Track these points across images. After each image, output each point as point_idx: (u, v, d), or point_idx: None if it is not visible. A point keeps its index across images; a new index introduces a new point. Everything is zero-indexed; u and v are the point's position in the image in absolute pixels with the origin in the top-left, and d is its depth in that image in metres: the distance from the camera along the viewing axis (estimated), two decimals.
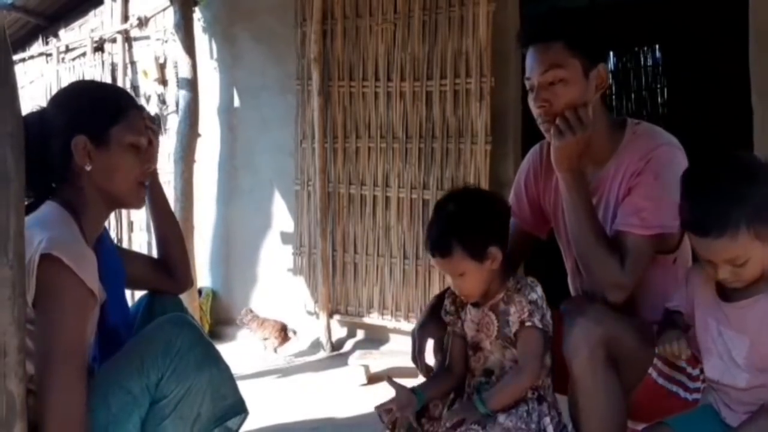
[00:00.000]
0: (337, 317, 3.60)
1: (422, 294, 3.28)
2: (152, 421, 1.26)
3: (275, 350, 3.46)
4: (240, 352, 3.65)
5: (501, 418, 1.36)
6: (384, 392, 1.65)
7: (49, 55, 5.18)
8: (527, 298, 1.41)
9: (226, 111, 4.15)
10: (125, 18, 4.55)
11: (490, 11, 3.11)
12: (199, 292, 4.05)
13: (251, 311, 3.60)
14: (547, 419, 1.38)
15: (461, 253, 1.39)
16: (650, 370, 1.39)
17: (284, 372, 3.26)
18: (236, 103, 4.12)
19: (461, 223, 1.41)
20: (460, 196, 1.49)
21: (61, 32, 5.30)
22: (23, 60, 5.19)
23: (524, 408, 1.38)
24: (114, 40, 4.64)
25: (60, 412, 1.19)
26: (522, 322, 1.39)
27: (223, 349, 3.74)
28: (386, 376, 1.59)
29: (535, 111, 1.46)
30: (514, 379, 1.40)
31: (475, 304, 1.47)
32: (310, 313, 3.68)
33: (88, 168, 1.29)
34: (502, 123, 3.23)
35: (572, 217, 1.45)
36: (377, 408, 1.47)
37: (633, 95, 6.19)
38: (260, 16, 3.92)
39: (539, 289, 1.43)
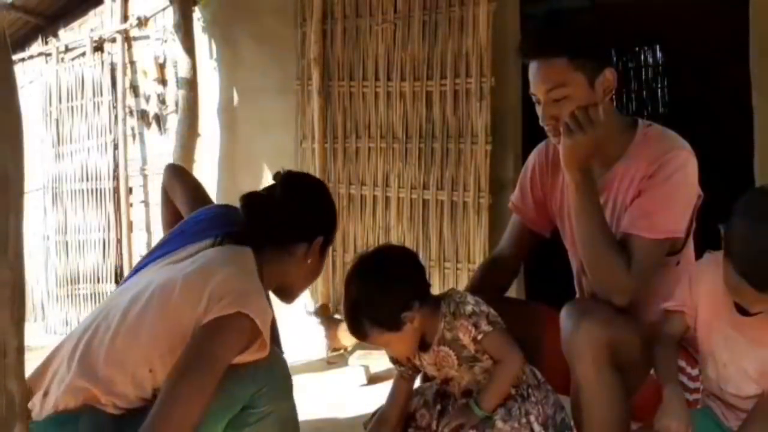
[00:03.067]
0: (337, 317, 3.60)
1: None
2: (235, 423, 1.32)
3: None
4: None
5: (499, 423, 1.37)
6: (384, 393, 1.65)
7: (49, 55, 5.17)
8: (465, 315, 1.40)
9: (225, 111, 4.14)
10: (125, 18, 4.55)
11: (490, 11, 3.10)
12: None
13: None
14: (532, 417, 1.39)
15: (378, 330, 1.39)
16: (651, 371, 1.39)
17: None
18: (236, 103, 4.11)
19: (367, 304, 1.39)
20: (360, 270, 1.45)
21: (61, 32, 5.29)
22: (23, 60, 5.18)
23: (516, 406, 1.39)
24: (114, 40, 4.64)
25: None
26: (475, 339, 1.39)
27: None
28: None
29: (542, 123, 1.45)
30: (500, 374, 1.40)
31: (422, 348, 1.45)
32: (309, 313, 3.67)
33: (308, 261, 1.44)
34: (503, 123, 3.22)
35: (579, 218, 1.43)
36: None
37: (634, 95, 6.18)
38: (260, 17, 3.91)
39: (467, 296, 1.43)
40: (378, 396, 1.65)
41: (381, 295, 1.38)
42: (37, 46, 5.38)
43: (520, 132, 3.25)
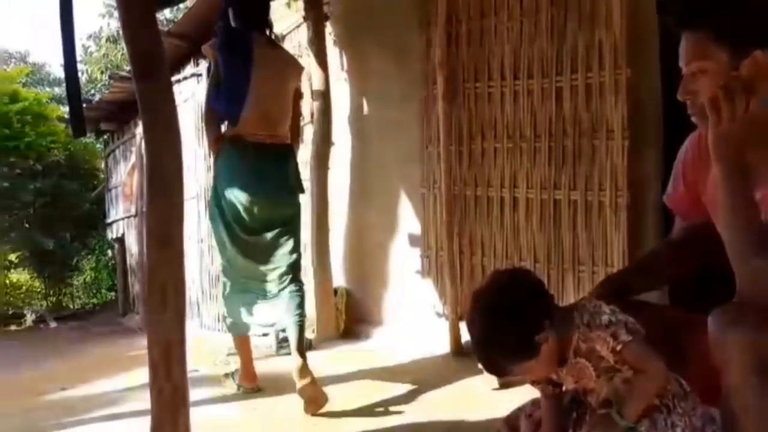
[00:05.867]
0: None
1: (554, 298, 3.16)
2: None
3: None
4: (373, 351, 3.77)
5: None
6: (516, 398, 1.63)
7: (200, 75, 5.70)
8: (601, 325, 1.32)
9: (355, 119, 4.30)
10: None
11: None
12: (335, 291, 4.24)
13: None
14: (679, 429, 1.30)
15: (515, 362, 1.34)
16: None
17: (414, 372, 3.30)
18: (365, 111, 4.26)
19: (496, 340, 1.33)
20: (479, 308, 1.37)
21: None
22: (177, 81, 5.75)
23: (661, 418, 1.30)
24: None
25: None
26: (614, 350, 1.32)
27: (358, 347, 3.91)
28: None
29: (679, 96, 1.37)
30: (643, 384, 1.32)
31: (559, 363, 1.39)
32: (438, 314, 3.70)
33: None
34: (641, 116, 3.03)
35: (722, 213, 1.33)
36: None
37: None
38: (386, 26, 4.02)
39: (602, 305, 1.35)
40: (510, 402, 1.63)
41: (509, 326, 1.33)
42: (189, 68, 5.96)
43: (662, 126, 3.03)
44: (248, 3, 2.81)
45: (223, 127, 2.85)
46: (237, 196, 2.68)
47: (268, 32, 2.90)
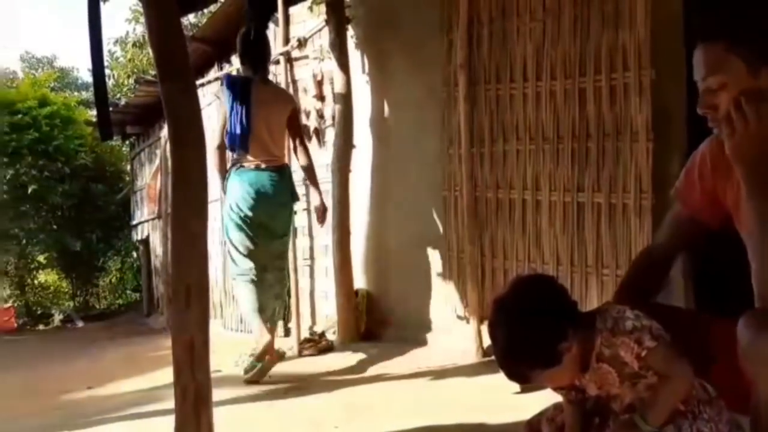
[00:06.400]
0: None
1: (578, 302, 3.11)
2: None
3: None
4: (394, 353, 3.76)
5: None
6: (538, 401, 1.61)
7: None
8: (625, 331, 1.30)
9: (377, 122, 4.31)
10: (286, 40, 4.91)
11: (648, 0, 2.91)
12: (356, 293, 4.25)
13: None
14: None
15: (538, 371, 1.32)
16: None
17: (436, 374, 3.29)
18: (386, 113, 4.26)
19: (520, 350, 1.31)
20: (501, 316, 1.36)
21: (233, 58, 5.87)
22: (201, 85, 5.82)
23: (686, 424, 1.28)
24: (277, 62, 5.03)
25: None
26: (639, 356, 1.29)
27: (380, 349, 3.91)
28: None
29: (699, 111, 1.35)
30: (668, 389, 1.30)
31: (582, 369, 1.37)
32: (460, 317, 3.69)
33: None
34: (666, 118, 2.99)
35: (748, 217, 1.30)
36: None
37: None
38: (407, 29, 4.03)
39: (626, 311, 1.32)
40: (531, 406, 1.61)
41: (532, 336, 1.31)
42: (213, 72, 6.03)
43: (687, 127, 2.98)
44: (251, 51, 3.51)
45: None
46: (242, 209, 3.38)
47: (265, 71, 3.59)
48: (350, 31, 4.34)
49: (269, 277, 3.45)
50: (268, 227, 3.42)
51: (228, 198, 3.46)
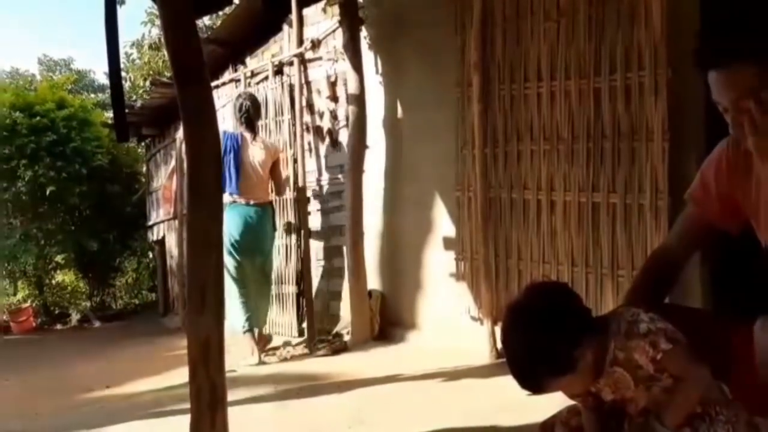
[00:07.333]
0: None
1: (593, 303, 3.11)
2: None
3: None
4: (407, 354, 3.76)
5: None
6: (551, 404, 1.60)
7: (238, 80, 5.80)
8: (640, 334, 1.28)
9: (390, 123, 4.31)
10: (300, 42, 4.93)
11: None
12: (369, 294, 4.25)
13: None
14: None
15: (553, 379, 1.30)
16: None
17: (450, 376, 3.29)
18: (399, 114, 4.27)
19: (534, 359, 1.30)
20: (515, 324, 1.35)
21: (247, 59, 5.91)
22: (217, 86, 5.86)
23: (703, 426, 1.27)
24: (291, 63, 5.06)
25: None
26: (654, 359, 1.27)
27: (392, 350, 3.91)
28: None
29: (732, 132, 1.31)
30: (684, 391, 1.29)
31: (596, 374, 1.35)
32: (474, 318, 3.67)
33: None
34: (682, 118, 2.96)
35: None
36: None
37: None
38: (421, 29, 4.03)
39: (640, 314, 1.30)
40: (545, 409, 1.61)
41: (545, 345, 1.30)
42: (228, 74, 6.07)
43: (703, 127, 2.95)
44: (244, 118, 4.45)
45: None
46: (234, 236, 4.28)
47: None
48: (363, 32, 4.35)
49: (252, 288, 4.37)
50: (253, 248, 4.37)
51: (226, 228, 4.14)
